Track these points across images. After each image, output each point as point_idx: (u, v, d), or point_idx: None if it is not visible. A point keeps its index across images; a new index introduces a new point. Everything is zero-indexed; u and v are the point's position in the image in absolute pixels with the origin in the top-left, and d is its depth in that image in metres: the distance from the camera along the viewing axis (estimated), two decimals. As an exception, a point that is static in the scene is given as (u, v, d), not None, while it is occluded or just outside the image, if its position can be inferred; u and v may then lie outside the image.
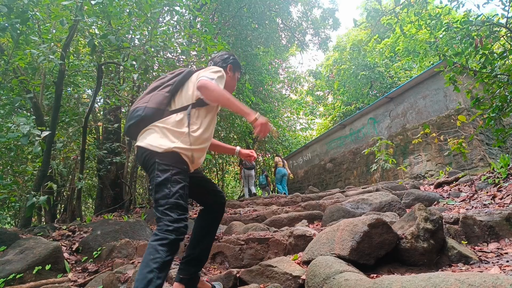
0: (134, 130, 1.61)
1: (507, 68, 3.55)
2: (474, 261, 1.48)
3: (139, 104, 1.61)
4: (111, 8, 3.60)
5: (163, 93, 1.60)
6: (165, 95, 1.59)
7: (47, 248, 2.40)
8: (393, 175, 8.18)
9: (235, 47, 9.13)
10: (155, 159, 1.44)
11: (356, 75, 13.68)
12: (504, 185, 3.07)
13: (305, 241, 2.01)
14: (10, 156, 4.63)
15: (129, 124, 1.59)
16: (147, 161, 1.49)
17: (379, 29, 15.67)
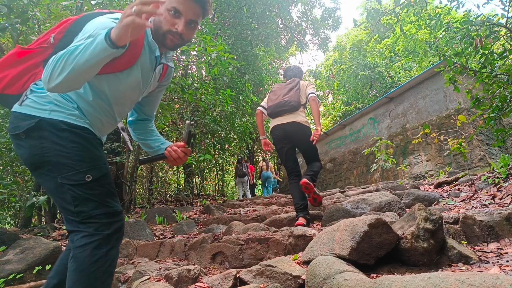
0: (280, 112, 2.90)
1: (507, 68, 3.55)
2: (474, 261, 1.48)
3: (286, 98, 2.89)
4: (111, 8, 3.60)
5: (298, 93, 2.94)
6: (299, 95, 2.94)
7: (47, 248, 2.40)
8: (393, 175, 8.18)
9: (235, 47, 9.13)
10: (305, 127, 2.87)
11: (356, 75, 13.68)
12: (504, 185, 3.08)
13: (305, 241, 2.01)
14: (10, 156, 4.63)
15: (279, 108, 2.89)
16: (301, 131, 2.87)
17: (379, 29, 15.68)
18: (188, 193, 7.59)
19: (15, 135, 1.02)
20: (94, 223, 0.97)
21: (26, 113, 1.02)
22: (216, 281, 1.59)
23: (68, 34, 1.11)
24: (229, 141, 9.06)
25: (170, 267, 1.95)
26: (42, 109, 1.02)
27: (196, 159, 5.43)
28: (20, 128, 1.01)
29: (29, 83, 1.09)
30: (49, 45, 1.11)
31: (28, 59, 1.09)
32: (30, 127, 1.00)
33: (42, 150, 0.99)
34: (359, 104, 14.37)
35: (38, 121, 1.00)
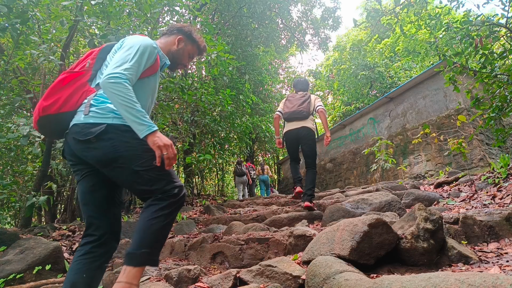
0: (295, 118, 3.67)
1: (507, 68, 3.55)
2: (474, 261, 1.48)
3: (300, 109, 3.65)
4: (111, 8, 3.60)
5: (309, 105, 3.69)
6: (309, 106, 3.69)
7: (47, 248, 2.40)
8: (393, 175, 8.18)
9: (235, 47, 9.13)
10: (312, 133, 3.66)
11: (356, 75, 13.68)
12: (504, 185, 3.08)
13: (305, 241, 2.01)
14: (10, 156, 4.63)
15: (294, 116, 3.66)
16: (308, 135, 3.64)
17: (379, 29, 15.67)
18: (188, 193, 7.60)
19: (85, 141, 1.24)
20: (168, 195, 1.24)
21: (93, 122, 1.25)
22: (216, 281, 1.59)
23: (98, 60, 1.43)
24: (229, 141, 9.06)
25: (170, 267, 1.95)
26: (106, 117, 1.27)
27: (196, 159, 5.43)
28: (92, 134, 1.23)
29: (82, 100, 1.32)
30: (87, 69, 1.39)
31: (75, 81, 1.36)
32: (100, 132, 1.23)
33: (114, 148, 1.23)
34: (359, 104, 14.37)
35: (106, 126, 1.24)
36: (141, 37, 1.40)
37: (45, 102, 1.30)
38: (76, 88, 1.34)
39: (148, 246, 1.19)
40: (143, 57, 1.33)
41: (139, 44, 1.34)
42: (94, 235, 1.30)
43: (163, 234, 1.25)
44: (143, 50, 1.34)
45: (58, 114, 1.30)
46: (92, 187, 1.32)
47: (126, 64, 1.26)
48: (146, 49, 1.35)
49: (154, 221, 1.21)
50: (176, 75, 5.63)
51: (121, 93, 1.20)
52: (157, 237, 1.22)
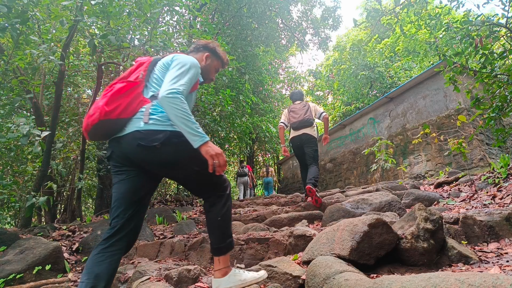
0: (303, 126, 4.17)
1: (507, 68, 3.55)
2: (474, 261, 1.48)
3: (306, 117, 4.18)
4: (111, 8, 3.60)
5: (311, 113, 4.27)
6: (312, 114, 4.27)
7: (47, 248, 2.40)
8: (393, 175, 8.18)
9: (235, 47, 9.13)
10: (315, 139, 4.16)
11: (356, 75, 13.68)
12: (504, 185, 3.07)
13: (305, 241, 2.01)
14: (10, 156, 4.63)
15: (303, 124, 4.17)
16: (310, 139, 4.14)
17: (379, 29, 15.67)
18: (188, 193, 7.59)
19: (150, 147, 1.36)
20: (222, 188, 1.53)
21: (156, 129, 1.39)
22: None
23: (149, 72, 1.58)
24: (229, 141, 9.05)
25: (170, 267, 1.95)
26: (166, 125, 1.41)
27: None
28: (158, 140, 1.37)
29: (138, 108, 1.45)
30: (141, 79, 1.53)
31: (133, 90, 1.48)
32: (165, 138, 1.37)
33: (177, 152, 1.40)
34: (359, 104, 14.36)
35: (168, 132, 1.39)
36: (189, 57, 1.56)
37: (107, 107, 1.40)
38: (134, 96, 1.47)
39: (228, 235, 1.52)
40: (194, 75, 1.50)
41: (190, 63, 1.50)
42: (119, 230, 1.38)
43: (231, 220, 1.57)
44: (194, 69, 1.51)
45: (117, 119, 1.41)
46: (133, 188, 1.44)
47: (181, 81, 1.42)
48: (196, 68, 1.52)
49: (225, 215, 1.50)
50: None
51: (178, 107, 1.34)
52: (229, 225, 1.55)
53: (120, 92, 1.44)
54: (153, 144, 1.35)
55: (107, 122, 1.40)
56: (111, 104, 1.40)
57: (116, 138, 1.45)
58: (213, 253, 1.52)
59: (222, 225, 1.49)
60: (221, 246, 1.49)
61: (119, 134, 1.43)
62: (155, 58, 1.63)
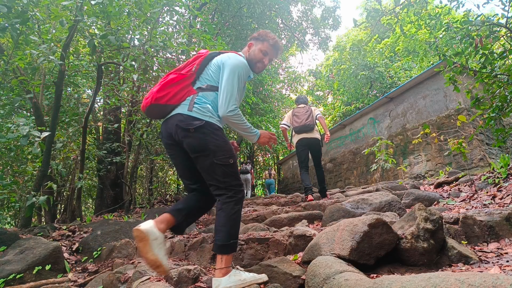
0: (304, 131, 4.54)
1: (507, 68, 3.55)
2: (474, 261, 1.48)
3: (308, 122, 4.50)
4: (110, 8, 3.59)
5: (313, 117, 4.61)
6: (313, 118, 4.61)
7: (47, 248, 2.39)
8: (393, 175, 8.18)
9: (235, 47, 9.12)
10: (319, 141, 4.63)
11: (356, 75, 13.67)
12: (504, 185, 3.08)
13: (305, 241, 2.01)
14: (10, 156, 4.63)
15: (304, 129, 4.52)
16: (315, 142, 4.56)
17: (379, 29, 15.67)
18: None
19: (186, 129, 1.59)
20: (233, 189, 1.60)
21: (196, 116, 1.61)
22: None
23: (202, 66, 1.76)
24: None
25: (170, 267, 1.95)
26: (205, 115, 1.62)
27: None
28: (192, 125, 1.58)
29: (185, 97, 1.67)
30: (193, 72, 1.71)
31: (183, 81, 1.69)
32: (199, 125, 1.58)
33: (205, 141, 1.58)
34: (359, 104, 14.36)
35: (204, 122, 1.59)
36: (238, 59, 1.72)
37: (158, 94, 1.65)
38: (182, 87, 1.68)
39: (234, 237, 1.58)
40: (240, 79, 1.68)
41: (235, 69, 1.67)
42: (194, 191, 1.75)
43: (239, 222, 1.63)
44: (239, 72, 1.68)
45: (165, 105, 1.66)
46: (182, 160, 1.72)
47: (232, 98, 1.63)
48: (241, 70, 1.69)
49: (233, 216, 1.57)
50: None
51: (239, 121, 1.65)
52: (237, 227, 1.60)
53: (170, 82, 1.67)
54: (187, 127, 1.58)
55: (157, 106, 1.67)
56: (161, 91, 1.65)
57: (166, 119, 1.71)
58: (216, 251, 1.57)
59: (229, 224, 1.56)
60: (225, 244, 1.54)
61: (168, 116, 1.69)
62: (212, 53, 1.81)
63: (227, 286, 1.51)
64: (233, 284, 1.51)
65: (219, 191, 1.61)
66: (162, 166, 8.29)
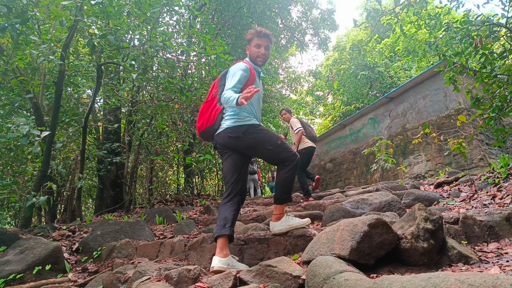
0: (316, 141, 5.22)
1: (507, 68, 3.55)
2: (474, 261, 1.48)
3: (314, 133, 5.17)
4: (110, 8, 3.59)
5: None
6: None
7: (47, 248, 2.39)
8: (393, 175, 8.18)
9: (235, 47, 9.13)
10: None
11: (356, 75, 13.67)
12: (504, 185, 3.08)
13: (305, 241, 2.01)
14: (10, 156, 4.63)
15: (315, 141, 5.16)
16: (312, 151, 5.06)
17: (379, 29, 15.67)
18: (188, 193, 7.59)
19: (237, 137, 2.05)
20: (287, 160, 2.09)
21: (239, 125, 2.07)
22: (216, 281, 1.59)
23: (220, 87, 2.20)
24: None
25: (170, 267, 1.95)
26: (244, 121, 2.08)
27: (196, 159, 5.43)
28: (240, 132, 2.05)
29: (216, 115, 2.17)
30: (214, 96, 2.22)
31: (209, 107, 2.22)
32: (245, 130, 2.05)
33: (255, 138, 2.07)
34: (359, 104, 14.35)
35: (247, 126, 2.06)
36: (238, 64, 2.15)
37: (198, 123, 2.26)
38: (211, 110, 2.20)
39: (287, 192, 2.12)
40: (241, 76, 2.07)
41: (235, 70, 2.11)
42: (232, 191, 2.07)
43: (292, 184, 2.14)
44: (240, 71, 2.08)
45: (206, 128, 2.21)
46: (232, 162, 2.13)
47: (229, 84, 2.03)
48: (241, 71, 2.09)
49: (287, 179, 2.08)
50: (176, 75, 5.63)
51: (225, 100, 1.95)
52: (290, 186, 2.12)
53: (201, 111, 2.25)
54: (237, 135, 2.04)
55: (204, 131, 2.24)
56: (199, 121, 2.25)
57: (217, 135, 2.16)
58: (274, 202, 2.17)
59: (283, 184, 2.10)
60: (280, 198, 2.12)
61: (217, 132, 2.16)
62: (223, 74, 2.25)
63: (280, 228, 2.10)
64: (283, 227, 2.11)
65: (277, 163, 2.14)
66: (162, 166, 8.29)
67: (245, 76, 2.08)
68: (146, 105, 5.64)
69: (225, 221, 1.96)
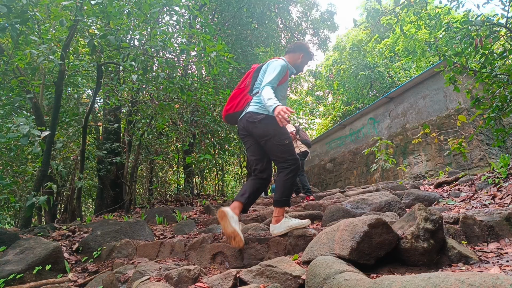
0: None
1: (507, 68, 3.55)
2: (474, 261, 1.48)
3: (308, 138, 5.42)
4: (110, 8, 3.59)
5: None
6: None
7: (47, 248, 2.39)
8: (393, 175, 8.18)
9: (235, 47, 9.13)
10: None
11: (356, 75, 13.67)
12: (504, 185, 3.08)
13: (305, 241, 2.01)
14: (10, 156, 4.63)
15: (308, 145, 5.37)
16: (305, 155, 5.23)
17: (379, 29, 15.67)
18: (188, 193, 7.59)
19: (253, 122, 2.21)
20: (288, 162, 2.16)
21: (258, 112, 2.22)
22: (216, 281, 1.59)
23: (254, 78, 2.42)
24: (229, 141, 9.05)
25: (170, 267, 1.95)
26: (265, 110, 2.20)
27: (196, 159, 5.43)
28: (257, 119, 2.20)
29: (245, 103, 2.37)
30: (247, 85, 2.41)
31: (240, 94, 2.41)
32: (262, 118, 2.19)
33: (267, 129, 2.18)
34: (359, 104, 14.35)
35: (265, 115, 2.19)
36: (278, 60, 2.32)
37: (226, 106, 2.43)
38: (241, 97, 2.39)
39: (286, 195, 2.17)
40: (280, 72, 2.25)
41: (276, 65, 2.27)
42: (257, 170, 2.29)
43: (292, 187, 2.20)
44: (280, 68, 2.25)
45: (233, 113, 2.40)
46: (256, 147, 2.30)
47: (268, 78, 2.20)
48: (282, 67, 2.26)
49: (286, 182, 2.15)
50: (176, 75, 5.63)
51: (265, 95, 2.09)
52: (289, 190, 2.18)
53: (233, 96, 2.42)
54: (254, 120, 2.20)
55: (229, 115, 2.43)
56: (228, 104, 2.42)
57: (240, 119, 2.35)
58: (273, 204, 2.22)
59: (282, 186, 2.16)
60: (279, 200, 2.17)
61: (240, 116, 2.34)
62: (259, 66, 2.44)
63: (280, 231, 2.11)
64: (283, 229, 2.11)
65: (278, 163, 2.20)
66: (162, 166, 8.28)
67: (283, 74, 2.27)
68: (146, 105, 5.64)
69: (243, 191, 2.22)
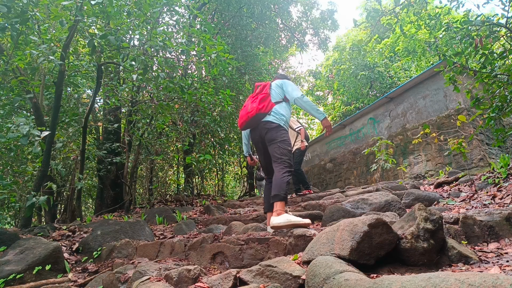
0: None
1: (507, 68, 3.55)
2: (474, 261, 1.48)
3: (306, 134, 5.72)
4: (110, 8, 3.59)
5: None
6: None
7: (47, 248, 2.39)
8: (393, 175, 8.18)
9: (235, 47, 9.12)
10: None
11: (356, 75, 13.66)
12: (504, 185, 3.08)
13: (305, 241, 2.01)
14: (10, 156, 4.63)
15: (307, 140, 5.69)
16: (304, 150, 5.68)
17: (379, 29, 15.67)
18: (188, 193, 7.59)
19: (267, 128, 2.57)
20: (285, 163, 2.46)
21: (273, 121, 2.59)
22: (216, 281, 1.59)
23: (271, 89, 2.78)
24: (229, 141, 9.06)
25: (170, 267, 1.95)
26: (279, 120, 2.62)
27: (196, 159, 5.43)
28: (271, 126, 2.57)
29: (271, 108, 2.65)
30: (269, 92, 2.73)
31: (267, 98, 2.69)
32: (275, 126, 2.57)
33: (276, 136, 2.53)
34: (359, 104, 14.35)
35: (278, 124, 2.59)
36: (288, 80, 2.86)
37: (259, 105, 2.62)
38: (268, 101, 2.67)
39: (283, 190, 2.37)
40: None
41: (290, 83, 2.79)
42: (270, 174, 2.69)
43: (287, 185, 2.40)
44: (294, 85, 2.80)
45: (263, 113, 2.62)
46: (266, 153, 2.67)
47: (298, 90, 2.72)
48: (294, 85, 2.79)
49: (280, 180, 2.39)
50: (176, 75, 5.63)
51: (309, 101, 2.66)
52: (286, 185, 2.39)
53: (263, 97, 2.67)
54: (269, 127, 2.56)
55: (258, 115, 2.60)
56: (261, 104, 2.63)
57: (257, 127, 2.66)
58: (271, 199, 2.40)
59: (278, 184, 2.39)
60: (277, 194, 2.36)
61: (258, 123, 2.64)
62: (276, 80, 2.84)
63: (278, 221, 2.21)
64: (282, 221, 2.20)
65: (276, 163, 2.48)
66: (162, 166, 8.29)
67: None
68: (146, 105, 5.64)
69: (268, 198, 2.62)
